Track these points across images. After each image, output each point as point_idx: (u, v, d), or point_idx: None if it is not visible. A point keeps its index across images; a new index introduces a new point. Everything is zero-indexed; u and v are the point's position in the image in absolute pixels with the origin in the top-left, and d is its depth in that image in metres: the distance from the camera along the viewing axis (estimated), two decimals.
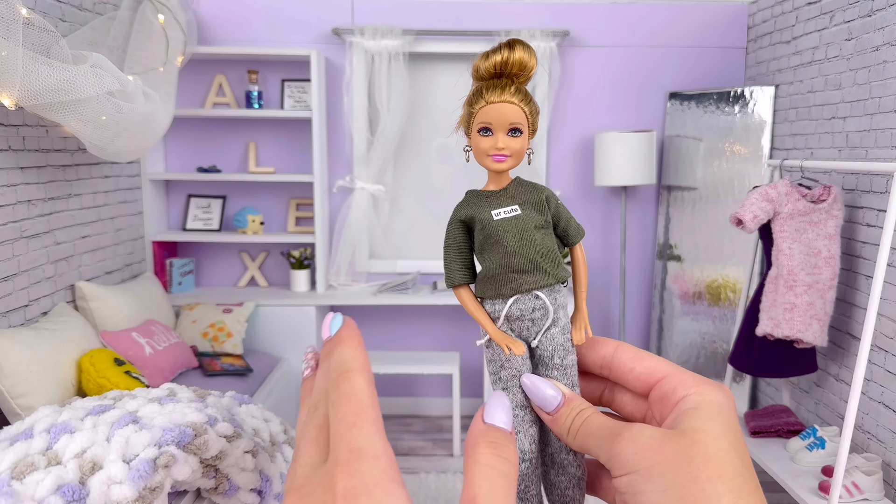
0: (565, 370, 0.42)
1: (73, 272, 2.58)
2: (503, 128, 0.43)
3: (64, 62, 1.90)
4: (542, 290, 0.43)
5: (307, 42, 3.27)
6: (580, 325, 0.44)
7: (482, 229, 0.43)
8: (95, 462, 1.41)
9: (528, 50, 0.43)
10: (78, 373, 2.21)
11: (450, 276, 0.45)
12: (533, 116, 0.44)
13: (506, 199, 0.44)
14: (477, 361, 3.53)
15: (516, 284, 0.42)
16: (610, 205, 3.46)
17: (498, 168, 0.43)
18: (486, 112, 0.43)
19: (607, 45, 3.33)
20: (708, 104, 3.15)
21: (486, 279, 0.43)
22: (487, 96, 0.43)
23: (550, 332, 0.43)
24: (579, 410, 0.39)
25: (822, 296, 2.35)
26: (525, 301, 0.42)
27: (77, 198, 2.60)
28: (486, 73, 0.43)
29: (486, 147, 0.43)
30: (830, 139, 2.56)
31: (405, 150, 3.46)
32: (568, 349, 0.43)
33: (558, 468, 0.42)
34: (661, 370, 0.38)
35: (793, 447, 2.45)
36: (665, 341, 3.41)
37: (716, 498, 0.31)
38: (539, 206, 0.44)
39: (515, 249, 0.42)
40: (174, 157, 3.38)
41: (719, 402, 0.35)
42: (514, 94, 0.43)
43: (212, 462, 1.56)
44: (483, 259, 0.44)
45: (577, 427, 0.38)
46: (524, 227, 0.43)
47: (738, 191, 2.99)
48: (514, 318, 0.43)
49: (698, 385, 0.36)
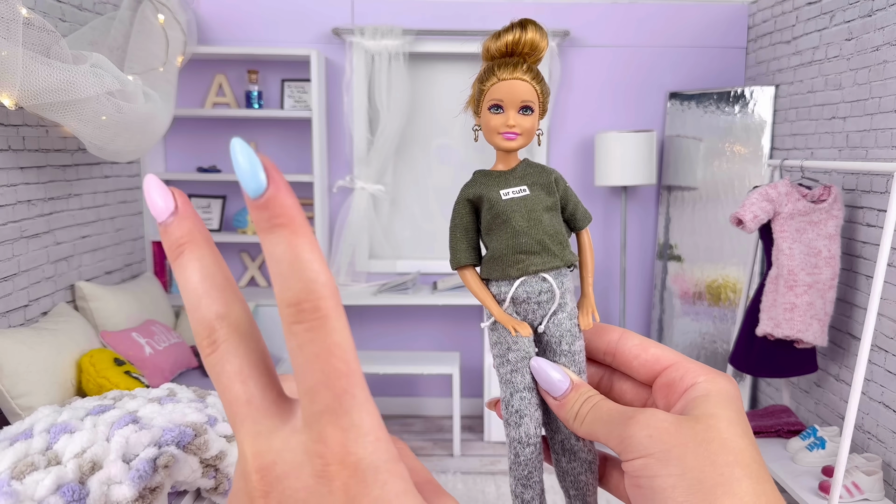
0: (573, 356, 0.42)
1: (73, 272, 2.58)
2: (514, 105, 0.42)
3: (64, 62, 1.90)
4: (550, 272, 0.42)
5: (307, 42, 3.27)
6: (587, 309, 0.43)
7: (490, 209, 0.42)
8: (95, 462, 1.41)
9: (539, 30, 0.42)
10: (78, 373, 2.21)
11: (455, 256, 0.44)
12: (544, 96, 0.43)
13: (514, 180, 0.43)
14: (477, 361, 3.53)
15: (523, 265, 0.41)
16: (610, 205, 3.46)
17: (508, 146, 0.43)
18: (497, 89, 0.42)
19: (607, 44, 3.33)
20: (708, 104, 3.15)
21: (493, 260, 0.42)
22: (499, 73, 0.42)
23: (557, 317, 0.42)
24: (587, 397, 0.38)
25: (823, 296, 2.35)
26: (532, 283, 0.42)
27: (77, 198, 2.60)
28: (498, 52, 0.43)
29: (497, 124, 0.43)
30: (831, 139, 2.56)
31: (405, 150, 3.46)
32: (575, 335, 0.42)
33: (570, 455, 0.42)
34: (668, 358, 0.38)
35: (793, 447, 2.45)
36: (665, 341, 3.41)
37: (735, 482, 0.31)
38: (548, 187, 0.43)
39: (523, 229, 0.42)
40: (174, 157, 3.38)
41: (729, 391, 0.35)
42: (527, 72, 0.42)
43: (212, 462, 1.56)
44: (490, 240, 0.43)
45: (585, 413, 0.38)
46: (532, 208, 0.42)
47: (738, 191, 2.99)
48: (521, 301, 0.42)
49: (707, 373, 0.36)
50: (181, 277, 0.25)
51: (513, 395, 0.42)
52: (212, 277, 0.25)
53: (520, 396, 0.42)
